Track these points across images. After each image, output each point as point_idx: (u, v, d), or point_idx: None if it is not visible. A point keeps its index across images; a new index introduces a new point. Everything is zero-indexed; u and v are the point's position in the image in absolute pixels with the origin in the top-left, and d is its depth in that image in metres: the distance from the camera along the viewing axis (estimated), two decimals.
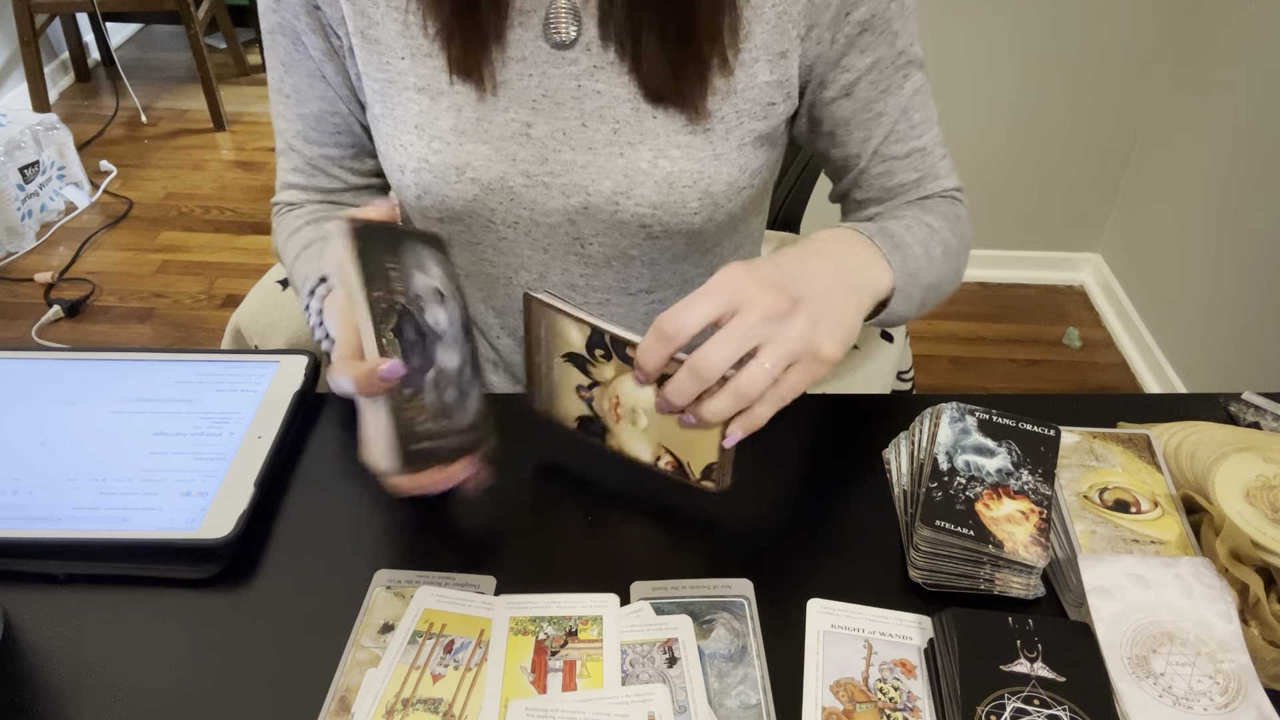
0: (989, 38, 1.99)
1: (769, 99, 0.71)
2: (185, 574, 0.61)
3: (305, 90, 0.76)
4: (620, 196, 0.71)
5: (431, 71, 0.70)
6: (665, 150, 0.70)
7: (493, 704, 0.53)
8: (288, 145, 0.80)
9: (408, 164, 0.71)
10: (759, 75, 0.70)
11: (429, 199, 0.72)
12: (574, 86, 0.69)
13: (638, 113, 0.69)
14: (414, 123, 0.71)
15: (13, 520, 0.63)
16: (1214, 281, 1.84)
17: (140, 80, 3.20)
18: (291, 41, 0.73)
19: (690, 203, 0.71)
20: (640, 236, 0.73)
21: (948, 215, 0.76)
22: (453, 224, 0.74)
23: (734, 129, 0.71)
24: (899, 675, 0.55)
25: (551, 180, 0.71)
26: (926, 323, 2.20)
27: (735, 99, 0.70)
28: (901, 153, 0.76)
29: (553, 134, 0.70)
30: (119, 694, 0.55)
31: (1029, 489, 0.62)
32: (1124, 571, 0.58)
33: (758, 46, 0.69)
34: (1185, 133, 1.95)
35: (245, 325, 0.96)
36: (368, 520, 0.66)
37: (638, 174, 0.70)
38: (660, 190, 0.70)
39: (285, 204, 0.84)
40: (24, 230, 2.40)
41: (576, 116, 0.70)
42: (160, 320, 2.20)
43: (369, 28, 0.70)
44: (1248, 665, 0.54)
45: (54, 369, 0.75)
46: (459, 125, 0.70)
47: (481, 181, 0.71)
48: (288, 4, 0.71)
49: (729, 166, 0.72)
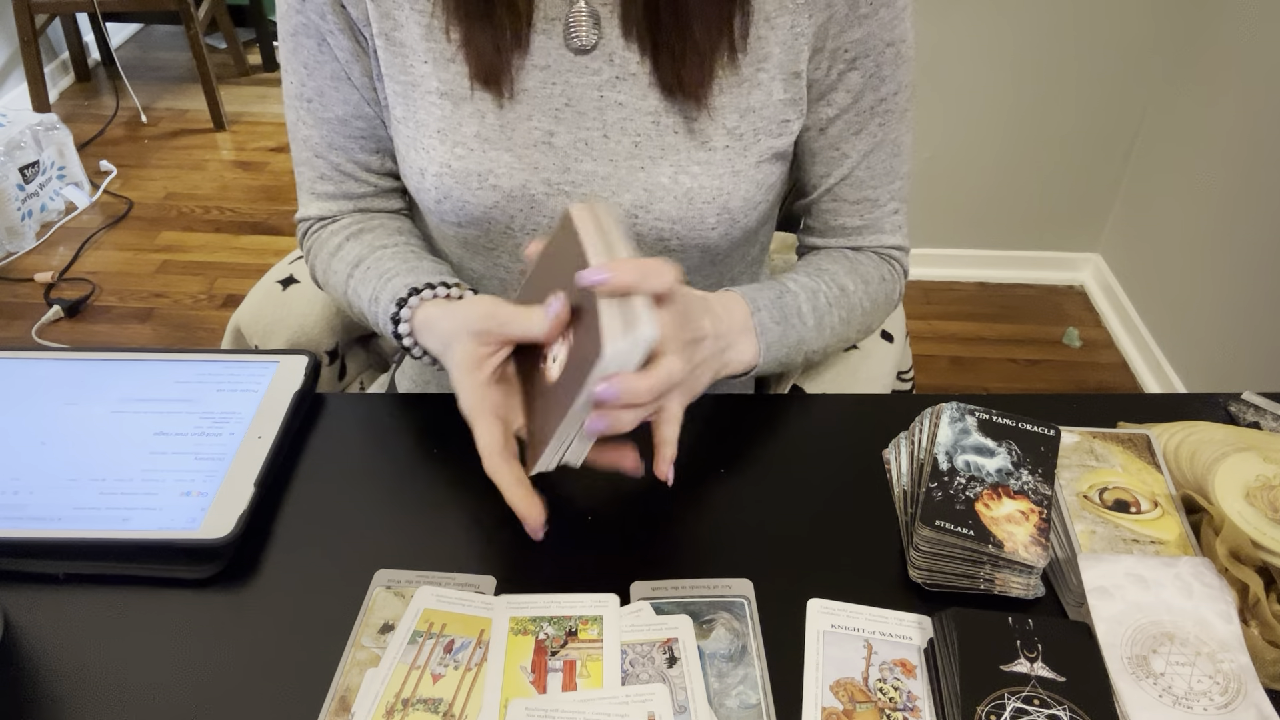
0: (989, 37, 1.99)
1: (784, 116, 0.72)
2: (185, 574, 0.61)
3: (330, 93, 0.75)
4: (640, 210, 0.71)
5: (454, 77, 0.70)
6: (685, 166, 0.71)
7: (493, 704, 0.53)
8: (312, 154, 0.78)
9: (429, 167, 0.71)
10: (775, 93, 0.71)
11: (448, 204, 0.72)
12: (596, 97, 0.70)
13: (659, 127, 0.70)
14: (436, 127, 0.71)
15: (13, 520, 0.63)
16: (1214, 281, 1.84)
17: (140, 80, 3.20)
18: (316, 43, 0.72)
19: (709, 218, 0.72)
20: (657, 250, 0.73)
21: (868, 277, 0.79)
22: (470, 229, 0.74)
23: (752, 146, 0.72)
24: (899, 675, 0.55)
25: (573, 190, 0.71)
26: (926, 323, 2.20)
27: (754, 117, 0.71)
28: (852, 198, 0.78)
29: (575, 144, 0.70)
30: (119, 694, 0.55)
31: (1029, 489, 0.62)
32: (1124, 571, 0.58)
33: (775, 66, 0.70)
34: (1185, 133, 1.95)
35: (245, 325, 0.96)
36: (368, 520, 0.66)
37: (658, 189, 0.71)
38: (680, 206, 0.71)
39: (314, 219, 0.81)
40: (24, 230, 2.40)
41: (598, 127, 0.70)
42: (160, 320, 2.20)
43: (393, 30, 0.70)
44: (1248, 665, 0.54)
45: (54, 369, 0.75)
46: (482, 132, 0.70)
47: (503, 189, 0.71)
48: (313, 4, 0.70)
49: (746, 183, 0.72)
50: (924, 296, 2.28)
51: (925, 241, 2.28)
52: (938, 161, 2.15)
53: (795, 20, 0.69)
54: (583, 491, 0.68)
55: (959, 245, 2.30)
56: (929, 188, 2.19)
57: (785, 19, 0.69)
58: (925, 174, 2.17)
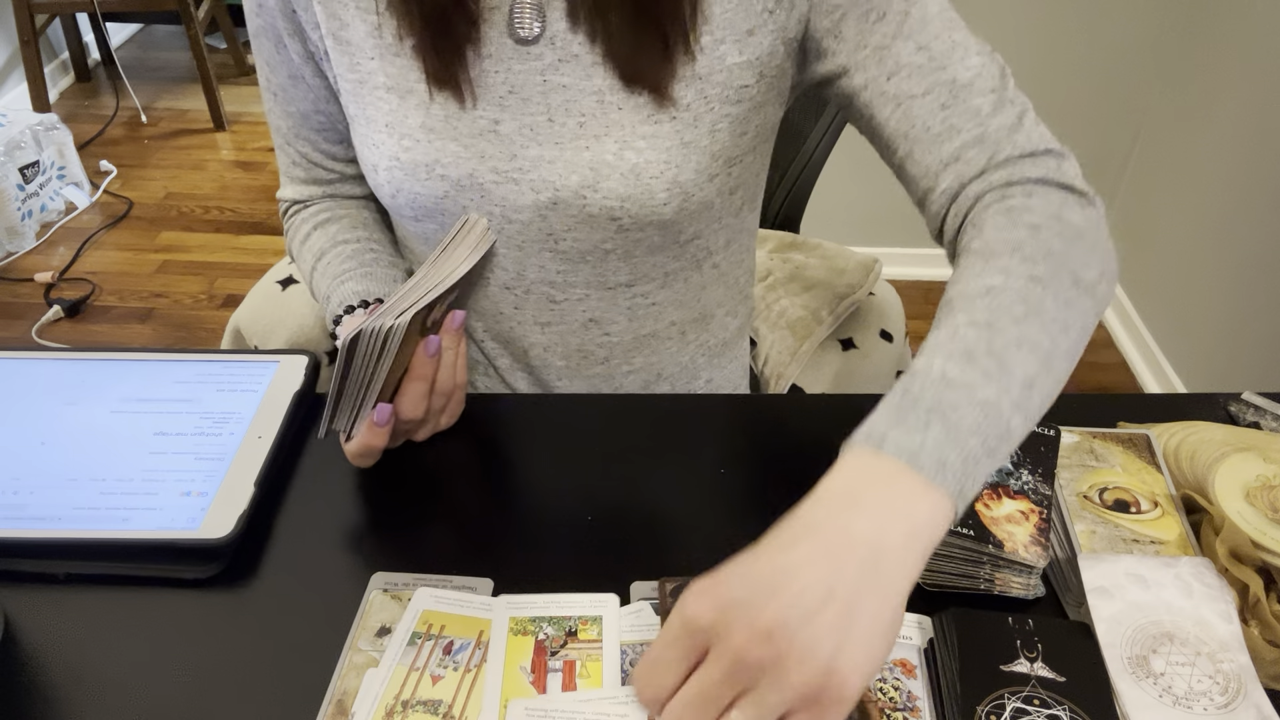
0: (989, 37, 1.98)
1: (740, 81, 0.69)
2: (185, 574, 0.61)
3: (290, 90, 0.77)
4: (587, 190, 0.70)
5: (400, 70, 0.70)
6: (630, 141, 0.69)
7: (492, 704, 0.53)
8: (284, 140, 0.82)
9: (380, 162, 0.72)
10: (727, 57, 0.68)
11: (402, 197, 0.73)
12: (539, 81, 0.69)
13: (603, 105, 0.69)
14: (384, 121, 0.71)
15: (13, 520, 0.63)
16: (1214, 281, 1.84)
17: (140, 80, 3.20)
18: (274, 44, 0.75)
19: (658, 193, 0.70)
20: (612, 229, 0.72)
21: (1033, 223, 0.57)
22: (427, 221, 0.74)
23: (703, 115, 0.69)
24: (899, 675, 0.55)
25: (520, 176, 0.71)
26: (926, 323, 2.20)
27: (702, 84, 0.68)
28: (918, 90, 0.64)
29: (520, 130, 0.70)
30: (119, 694, 0.55)
31: (1029, 489, 0.62)
32: (1124, 571, 0.58)
33: (721, 28, 0.67)
34: (1186, 133, 1.95)
35: (245, 325, 0.96)
36: (367, 520, 0.66)
37: (603, 166, 0.69)
38: (627, 182, 0.69)
39: (291, 201, 0.86)
40: (24, 230, 2.40)
41: (543, 112, 0.69)
42: (160, 320, 2.20)
43: (340, 29, 0.70)
44: (1248, 665, 0.54)
45: (54, 369, 0.75)
46: (428, 123, 0.70)
47: (451, 178, 0.71)
48: (268, 9, 0.72)
49: (698, 154, 0.70)
50: (924, 296, 2.28)
51: (925, 241, 2.28)
52: None
53: None
54: (583, 491, 0.68)
55: None
56: None
57: None
58: None
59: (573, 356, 0.81)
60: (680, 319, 0.82)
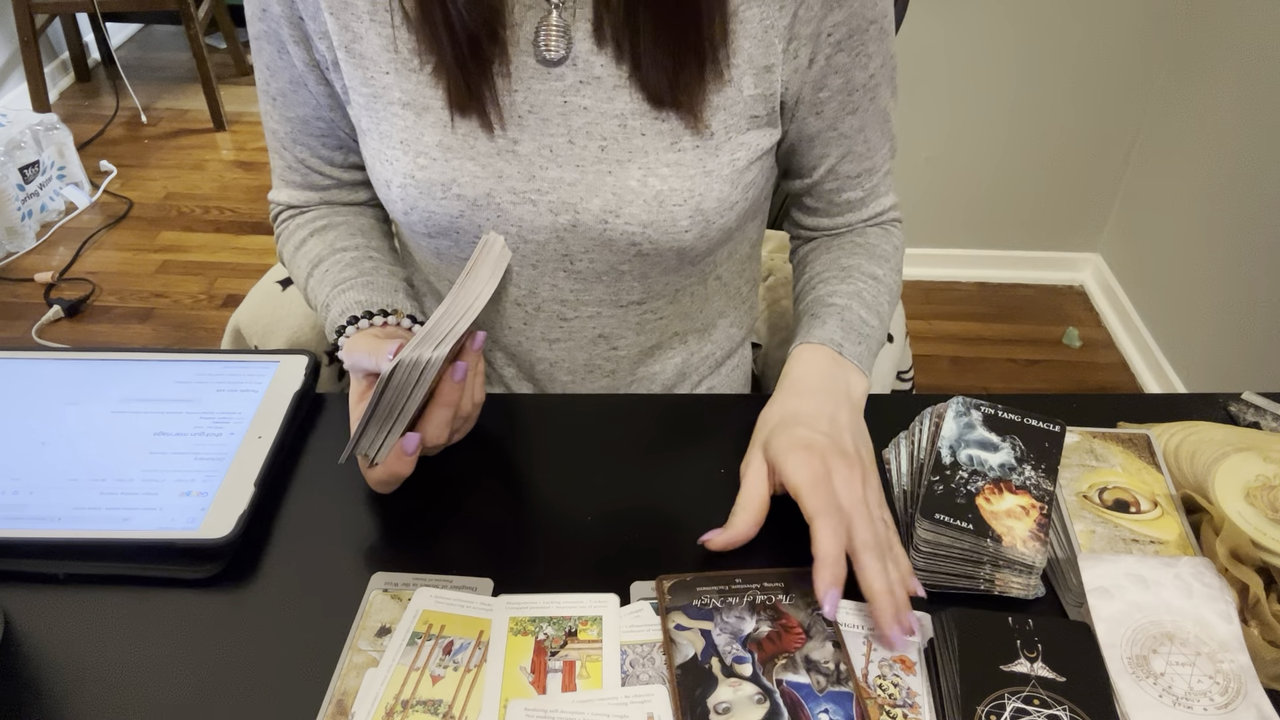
0: (989, 37, 1.99)
1: (753, 111, 0.71)
2: (185, 574, 0.61)
3: (290, 95, 0.76)
4: (609, 215, 0.70)
5: (416, 86, 0.69)
6: (654, 168, 0.69)
7: (492, 705, 0.53)
8: (280, 144, 0.80)
9: (394, 179, 0.71)
10: (745, 89, 0.69)
11: (416, 214, 0.72)
12: (560, 102, 0.68)
13: (625, 129, 0.69)
14: (400, 138, 0.70)
15: (13, 520, 0.63)
16: (1214, 281, 1.84)
17: (140, 80, 3.20)
18: (276, 50, 0.73)
19: (681, 221, 0.70)
20: (630, 254, 0.72)
21: (887, 254, 0.81)
22: (440, 239, 0.73)
23: (724, 144, 0.70)
24: (899, 672, 0.55)
25: (539, 198, 0.70)
26: (926, 323, 2.20)
27: (724, 114, 0.69)
28: (854, 172, 0.79)
29: (539, 150, 0.69)
30: (119, 694, 0.55)
31: (1031, 484, 0.62)
32: (1124, 571, 0.58)
33: (745, 61, 0.69)
34: (1185, 132, 1.95)
35: (245, 325, 0.96)
36: (367, 520, 0.66)
37: (627, 192, 0.69)
38: (650, 209, 0.69)
39: (284, 205, 0.84)
40: (24, 230, 2.40)
41: (563, 133, 0.69)
42: (160, 320, 2.20)
43: (353, 42, 0.69)
44: (1248, 665, 0.54)
45: (54, 369, 0.75)
46: (445, 141, 0.69)
47: (468, 198, 0.70)
48: (272, 15, 0.71)
49: (721, 183, 0.71)
50: (924, 296, 2.28)
51: (925, 241, 2.28)
52: (938, 162, 2.15)
53: (765, 13, 0.67)
54: (583, 491, 0.68)
55: (959, 245, 2.30)
56: (929, 187, 2.19)
57: (754, 11, 0.67)
58: (925, 174, 2.17)
59: (579, 371, 0.81)
60: (684, 329, 0.82)
